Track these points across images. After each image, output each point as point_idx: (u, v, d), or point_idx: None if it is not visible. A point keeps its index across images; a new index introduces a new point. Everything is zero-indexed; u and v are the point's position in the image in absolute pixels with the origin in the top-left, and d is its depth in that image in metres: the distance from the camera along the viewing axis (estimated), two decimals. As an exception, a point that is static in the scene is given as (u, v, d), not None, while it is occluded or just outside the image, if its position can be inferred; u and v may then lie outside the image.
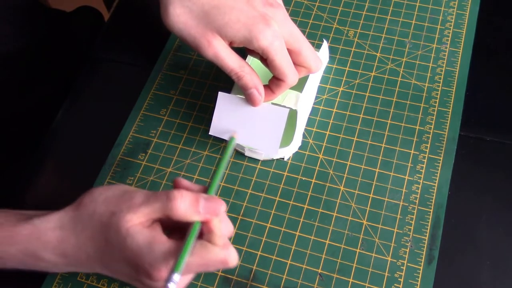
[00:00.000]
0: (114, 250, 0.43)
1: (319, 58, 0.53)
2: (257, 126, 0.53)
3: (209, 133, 0.55)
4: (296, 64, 0.52)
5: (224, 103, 0.54)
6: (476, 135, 0.55)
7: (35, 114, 0.72)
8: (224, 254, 0.42)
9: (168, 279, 0.39)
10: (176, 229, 0.44)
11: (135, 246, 0.42)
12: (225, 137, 0.55)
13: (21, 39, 0.70)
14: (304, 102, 0.56)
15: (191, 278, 0.46)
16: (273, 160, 0.56)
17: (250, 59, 0.56)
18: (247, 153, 0.56)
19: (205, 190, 0.45)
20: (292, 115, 0.54)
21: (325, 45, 0.59)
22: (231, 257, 0.42)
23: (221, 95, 0.54)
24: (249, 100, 0.52)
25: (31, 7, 0.73)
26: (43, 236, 0.45)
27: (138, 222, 0.42)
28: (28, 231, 0.45)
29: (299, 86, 0.54)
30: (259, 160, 0.56)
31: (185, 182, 0.46)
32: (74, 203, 0.46)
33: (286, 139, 0.54)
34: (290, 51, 0.51)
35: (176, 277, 0.39)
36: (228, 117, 0.54)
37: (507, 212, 0.51)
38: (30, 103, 0.74)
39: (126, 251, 0.42)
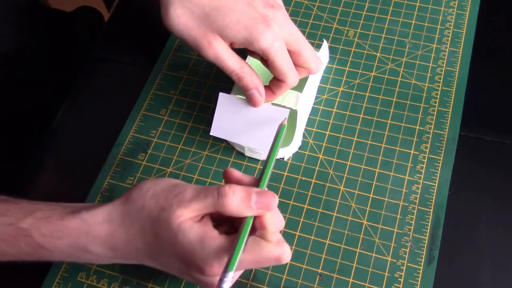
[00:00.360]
0: (165, 245, 0.43)
1: (319, 59, 0.53)
2: (258, 127, 0.53)
3: (210, 134, 0.55)
4: (297, 65, 0.52)
5: (225, 103, 0.54)
6: (476, 135, 0.55)
7: (35, 114, 0.72)
8: (278, 251, 0.41)
9: (222, 278, 0.39)
10: (225, 221, 0.44)
11: (186, 241, 0.41)
12: (226, 137, 0.55)
13: (21, 39, 0.70)
14: (304, 102, 0.56)
15: (241, 272, 0.46)
16: (273, 160, 0.56)
17: (250, 59, 0.56)
18: (247, 153, 0.56)
19: (256, 182, 0.44)
20: (292, 115, 0.54)
21: (325, 45, 0.59)
22: (285, 255, 0.41)
23: (221, 96, 0.54)
24: (250, 100, 0.53)
25: (31, 7, 0.73)
26: (92, 230, 0.44)
27: (188, 217, 0.42)
28: (76, 225, 0.44)
29: (299, 86, 0.54)
30: (259, 160, 0.56)
31: (236, 173, 0.45)
32: (122, 197, 0.45)
33: (286, 139, 0.54)
34: (290, 52, 0.51)
35: (230, 275, 0.39)
36: (228, 118, 0.54)
37: (507, 212, 0.51)
38: (30, 103, 0.74)
39: (177, 247, 0.42)
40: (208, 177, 0.56)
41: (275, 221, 0.43)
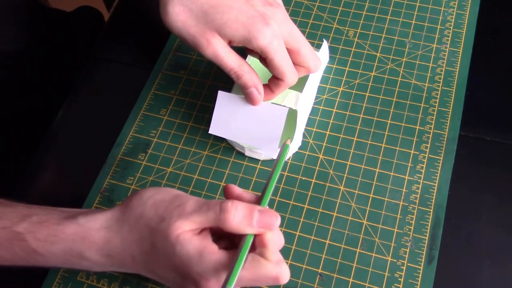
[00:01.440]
0: (161, 256, 0.42)
1: (318, 58, 0.53)
2: (257, 126, 0.53)
3: (209, 132, 0.55)
4: (295, 63, 0.52)
5: (224, 102, 0.54)
6: (476, 135, 0.55)
7: (35, 114, 0.72)
8: (276, 271, 0.40)
9: None
10: (224, 237, 0.43)
11: (184, 254, 0.41)
12: (225, 136, 0.55)
13: (21, 39, 0.70)
14: (304, 102, 0.56)
15: None
16: (273, 160, 0.56)
17: (250, 58, 0.56)
18: (247, 153, 0.56)
19: (256, 199, 0.43)
20: (292, 115, 0.54)
21: (325, 45, 0.59)
22: (284, 275, 0.40)
23: (221, 94, 0.54)
24: (249, 99, 0.52)
25: (31, 7, 0.73)
26: (89, 236, 0.43)
27: (188, 229, 0.41)
28: (72, 230, 0.44)
29: (299, 86, 0.54)
30: (259, 160, 0.56)
31: (236, 190, 0.44)
32: (122, 204, 0.45)
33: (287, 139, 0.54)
34: (289, 51, 0.51)
35: None
36: (227, 116, 0.54)
37: (507, 212, 0.51)
38: (30, 103, 0.74)
39: (175, 259, 0.41)
40: (208, 177, 0.56)
41: (275, 239, 0.42)
